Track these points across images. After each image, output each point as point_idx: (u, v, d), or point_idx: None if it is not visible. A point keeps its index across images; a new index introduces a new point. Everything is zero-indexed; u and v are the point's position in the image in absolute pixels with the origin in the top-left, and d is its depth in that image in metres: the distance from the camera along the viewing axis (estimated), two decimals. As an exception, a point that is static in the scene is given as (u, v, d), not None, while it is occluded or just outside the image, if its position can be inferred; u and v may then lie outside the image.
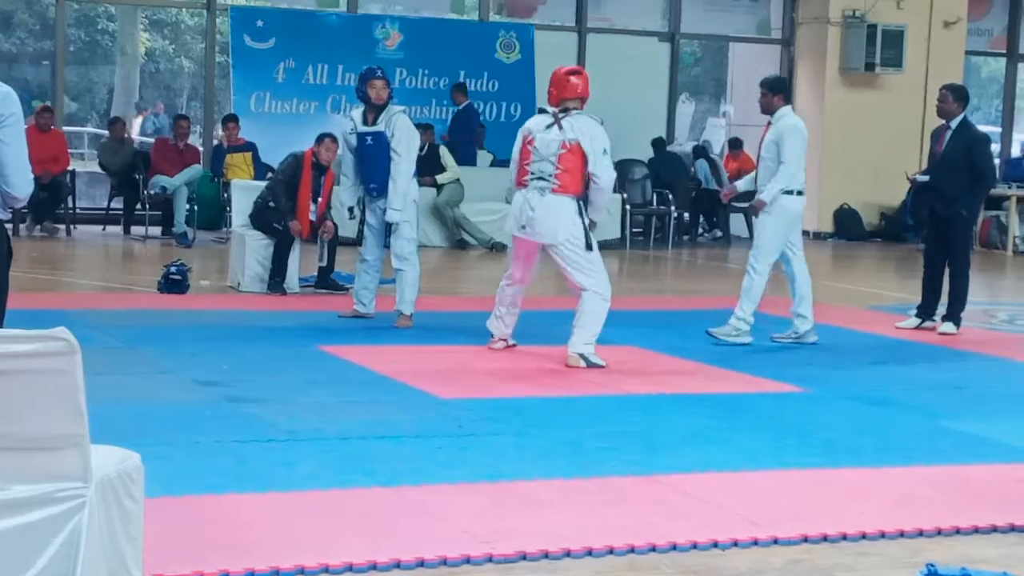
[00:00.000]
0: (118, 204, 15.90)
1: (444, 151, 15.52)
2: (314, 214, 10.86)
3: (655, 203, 17.12)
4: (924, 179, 10.38)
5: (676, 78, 19.26)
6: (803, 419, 6.78)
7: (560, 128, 7.99)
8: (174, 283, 10.49)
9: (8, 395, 3.16)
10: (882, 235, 18.78)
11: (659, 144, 17.76)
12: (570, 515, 4.83)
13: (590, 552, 4.41)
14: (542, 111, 8.26)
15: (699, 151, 18.44)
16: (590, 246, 8.00)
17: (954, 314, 9.95)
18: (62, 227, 15.14)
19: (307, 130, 12.95)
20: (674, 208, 17.03)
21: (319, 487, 5.07)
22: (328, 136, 10.99)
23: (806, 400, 7.34)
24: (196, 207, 15.06)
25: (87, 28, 23.00)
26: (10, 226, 4.94)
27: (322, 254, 11.00)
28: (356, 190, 9.47)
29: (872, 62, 18.33)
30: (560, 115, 8.04)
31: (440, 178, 15.39)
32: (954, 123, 9.92)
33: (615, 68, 17.70)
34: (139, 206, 15.44)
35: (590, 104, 8.23)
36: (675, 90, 19.31)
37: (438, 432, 6.14)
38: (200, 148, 16.54)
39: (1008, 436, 6.49)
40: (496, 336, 8.47)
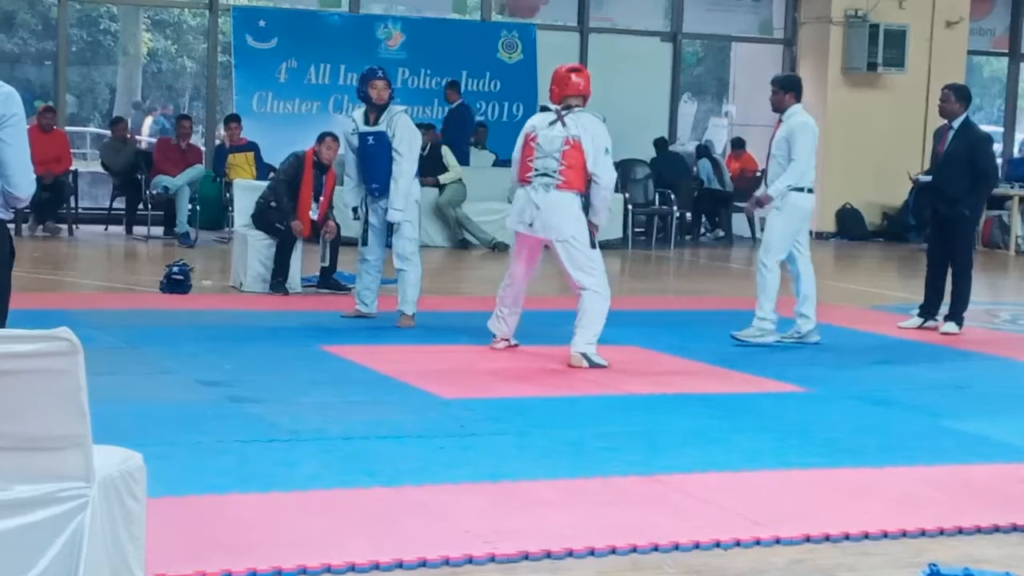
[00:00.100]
0: (120, 204, 15.91)
1: (446, 151, 15.51)
2: (315, 213, 10.87)
3: (657, 203, 17.11)
4: (927, 179, 10.37)
5: (678, 78, 19.25)
6: (805, 419, 6.78)
7: (563, 125, 7.99)
8: (176, 283, 10.50)
9: (10, 395, 3.16)
10: (884, 235, 18.77)
11: (661, 144, 17.76)
12: (572, 515, 4.83)
13: (592, 552, 4.41)
14: (544, 109, 8.26)
15: (702, 151, 18.42)
16: (594, 244, 8.00)
17: (956, 314, 9.94)
18: (64, 227, 15.15)
19: (309, 130, 12.94)
20: (676, 208, 17.03)
21: (321, 487, 5.07)
22: (329, 135, 10.99)
23: (808, 400, 7.34)
24: (198, 207, 15.06)
25: (89, 28, 23.00)
26: (12, 226, 4.94)
27: (324, 254, 11.00)
28: (359, 191, 9.46)
29: (874, 62, 18.31)
30: (563, 112, 8.05)
31: (442, 178, 15.39)
32: (956, 123, 9.91)
33: (617, 68, 17.69)
34: (141, 206, 15.45)
35: (592, 103, 8.22)
36: (677, 90, 19.31)
37: (440, 432, 6.14)
38: (202, 148, 16.55)
39: (1010, 436, 6.48)
40: (498, 336, 8.47)
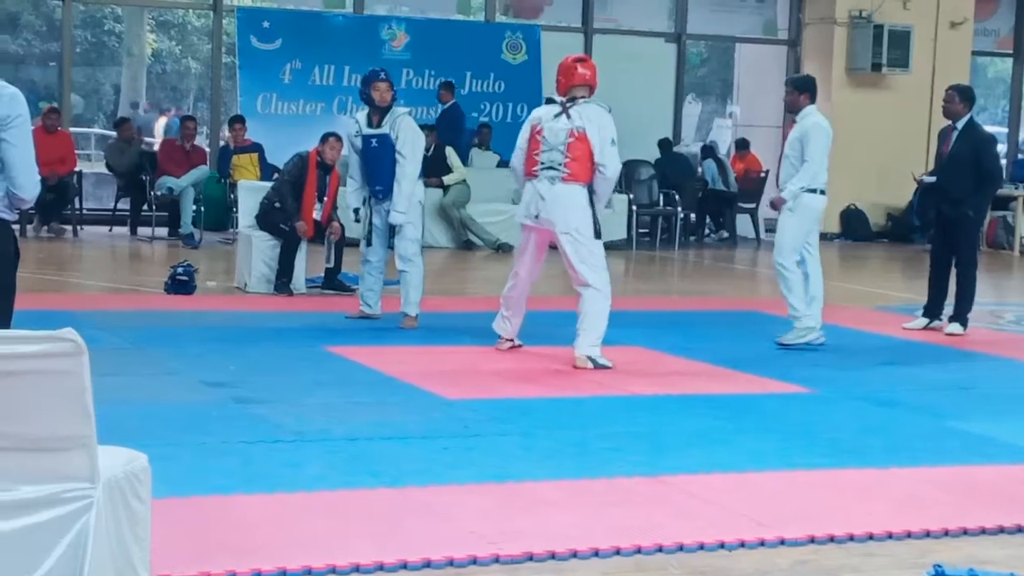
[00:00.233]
0: (125, 205, 15.91)
1: (450, 152, 15.50)
2: (319, 213, 10.87)
3: (661, 204, 17.10)
4: (931, 180, 10.37)
5: (682, 79, 19.23)
6: (809, 420, 6.78)
7: (568, 117, 7.98)
8: (181, 284, 10.51)
9: (15, 396, 3.17)
10: (889, 236, 18.76)
11: (665, 145, 17.75)
12: (576, 516, 4.83)
13: (596, 553, 4.42)
14: (550, 101, 8.25)
15: (707, 151, 18.41)
16: (599, 233, 8.01)
17: (961, 315, 9.94)
18: (69, 228, 15.16)
19: (313, 131, 12.93)
20: (680, 209, 17.02)
21: (326, 488, 5.07)
22: (332, 135, 10.99)
23: (812, 401, 7.34)
24: (203, 208, 15.06)
25: (94, 29, 23.02)
26: (17, 227, 4.95)
27: (329, 255, 10.99)
28: (362, 192, 9.46)
29: (879, 62, 18.30)
30: (568, 104, 8.04)
31: (447, 179, 15.39)
32: (960, 123, 9.91)
33: (621, 69, 17.64)
34: (146, 207, 15.48)
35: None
36: (681, 91, 19.30)
37: (444, 433, 6.14)
38: (207, 149, 16.57)
39: (1015, 437, 6.48)
40: (503, 337, 8.48)
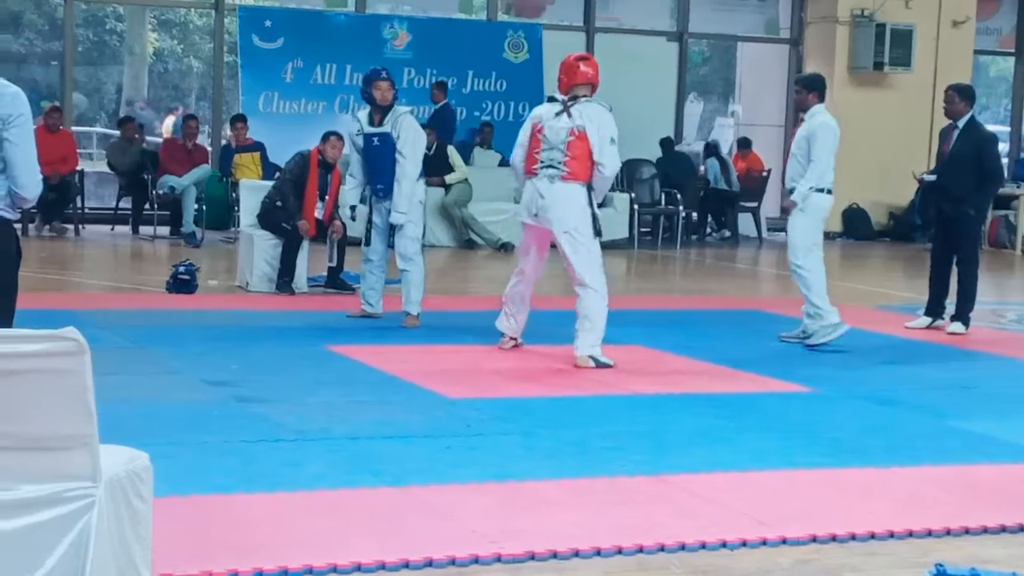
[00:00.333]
0: (127, 204, 15.91)
1: (452, 151, 15.51)
2: (320, 211, 10.87)
3: (663, 203, 17.11)
4: (932, 179, 10.37)
5: (684, 78, 19.23)
6: (811, 419, 6.78)
7: (569, 116, 7.98)
8: (183, 283, 10.51)
9: (17, 395, 3.17)
10: (890, 235, 18.76)
11: (667, 144, 17.75)
12: (578, 515, 4.83)
13: (599, 552, 4.42)
14: (551, 99, 8.25)
15: (710, 149, 18.39)
16: (599, 232, 8.01)
17: (962, 314, 9.94)
18: (71, 227, 15.15)
19: (315, 130, 12.93)
20: (682, 208, 17.02)
21: (327, 487, 5.07)
22: (333, 134, 11.00)
23: (814, 400, 7.34)
24: (204, 207, 15.06)
25: (95, 28, 23.01)
26: (19, 226, 4.95)
27: (332, 254, 10.99)
28: (359, 190, 9.47)
29: (881, 61, 18.30)
30: (569, 103, 8.03)
31: (448, 178, 15.39)
32: (962, 122, 9.91)
33: (623, 68, 17.63)
34: (148, 206, 15.47)
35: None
36: (683, 90, 19.29)
37: (446, 432, 6.14)
38: (208, 148, 16.56)
39: (1017, 436, 6.48)
40: (507, 335, 8.47)
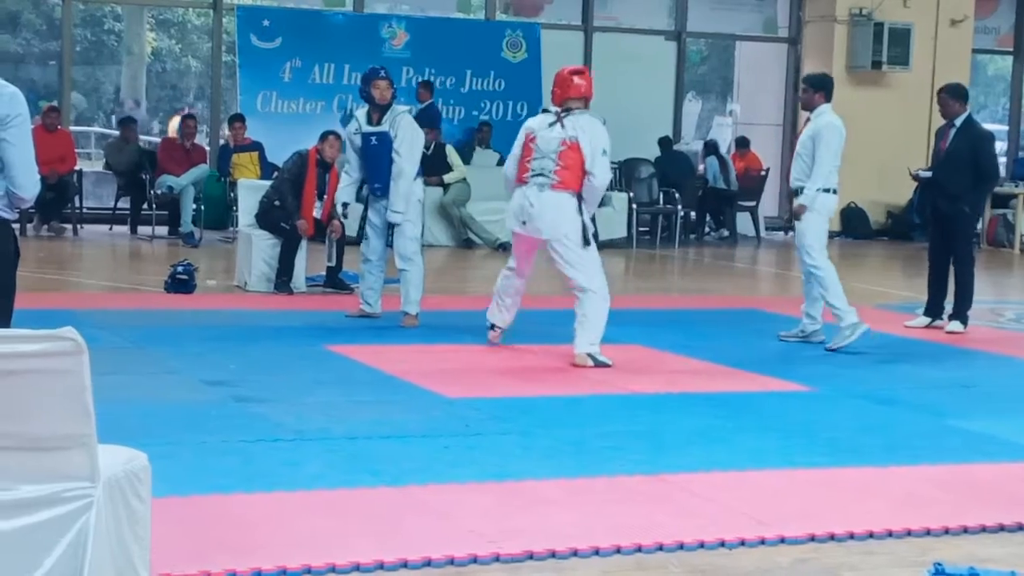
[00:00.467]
0: (125, 204, 15.90)
1: (451, 150, 15.51)
2: (319, 211, 10.87)
3: (661, 202, 17.10)
4: (927, 175, 10.37)
5: (682, 77, 19.22)
6: (809, 418, 6.78)
7: (563, 127, 8.00)
8: (181, 283, 10.50)
9: (16, 395, 3.17)
10: (889, 234, 18.75)
11: (665, 143, 17.73)
12: (577, 514, 4.83)
13: (597, 551, 4.42)
14: (546, 111, 8.27)
15: (710, 148, 18.36)
16: (588, 241, 8.00)
17: (960, 312, 9.94)
18: (69, 227, 15.15)
19: (313, 129, 12.93)
20: (680, 207, 17.01)
21: (326, 487, 5.07)
22: (331, 133, 11.01)
23: (812, 399, 7.34)
24: (203, 207, 15.05)
25: (93, 28, 22.99)
26: (17, 226, 4.95)
27: (331, 253, 10.98)
28: (353, 188, 9.49)
29: (879, 60, 18.29)
30: (563, 114, 8.05)
31: (447, 177, 15.39)
32: (959, 121, 9.92)
33: (621, 67, 17.68)
34: (146, 206, 15.46)
35: (596, 103, 8.22)
36: (681, 89, 19.28)
37: (445, 431, 6.14)
38: (207, 148, 16.55)
39: (1015, 435, 6.48)
40: (498, 326, 8.47)
